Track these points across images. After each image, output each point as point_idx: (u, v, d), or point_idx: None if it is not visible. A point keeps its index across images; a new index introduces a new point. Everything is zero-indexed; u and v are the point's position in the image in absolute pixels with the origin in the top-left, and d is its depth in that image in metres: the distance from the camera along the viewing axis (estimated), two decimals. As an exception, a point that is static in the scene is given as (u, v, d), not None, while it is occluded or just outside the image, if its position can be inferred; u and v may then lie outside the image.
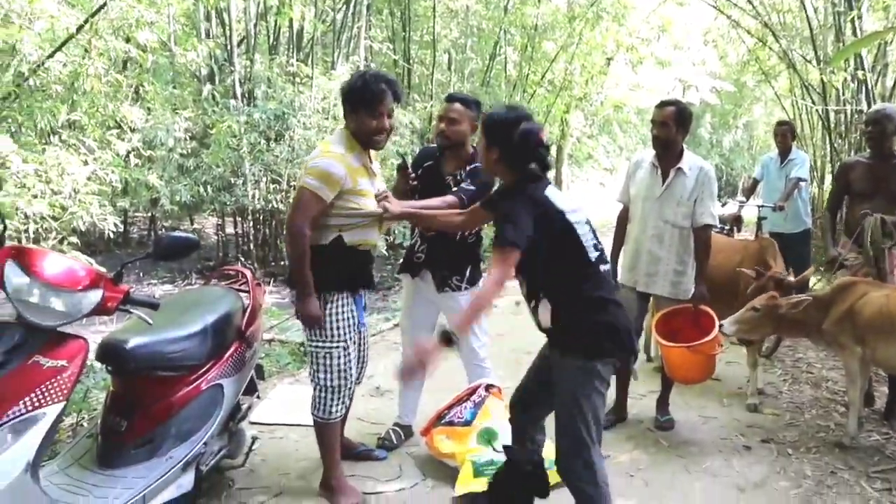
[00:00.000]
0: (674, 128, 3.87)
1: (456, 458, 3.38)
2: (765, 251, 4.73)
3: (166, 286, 8.69)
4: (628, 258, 4.15)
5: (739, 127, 28.13)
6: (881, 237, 4.23)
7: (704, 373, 3.97)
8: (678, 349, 3.83)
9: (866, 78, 7.64)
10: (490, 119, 2.66)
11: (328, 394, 3.11)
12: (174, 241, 2.60)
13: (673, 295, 4.01)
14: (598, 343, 2.53)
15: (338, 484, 3.19)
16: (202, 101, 8.56)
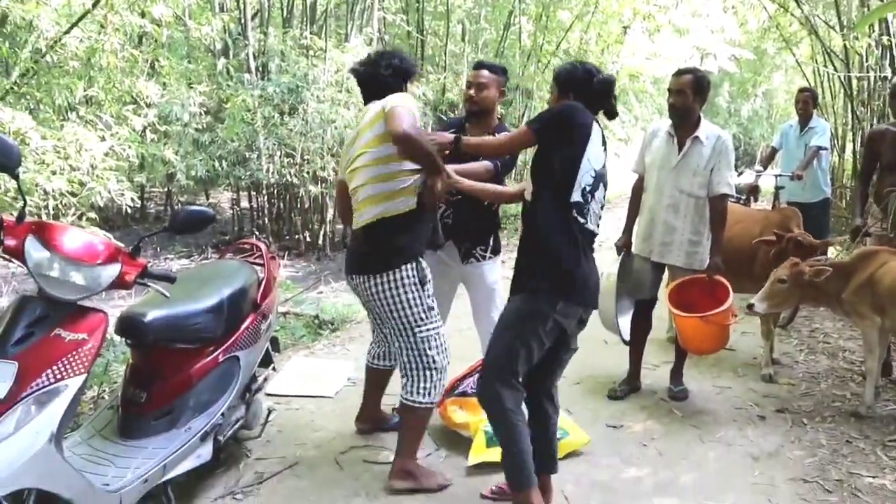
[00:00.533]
0: (691, 96, 3.85)
1: (469, 427, 3.42)
2: (787, 221, 4.67)
3: (183, 260, 8.77)
4: (643, 228, 4.14)
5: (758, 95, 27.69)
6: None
7: (718, 343, 3.96)
8: (692, 319, 3.83)
9: (891, 44, 7.48)
10: (567, 70, 2.87)
11: (443, 374, 3.04)
12: (190, 215, 2.62)
13: (688, 265, 4.01)
14: (553, 278, 2.65)
15: (421, 470, 3.10)
16: (217, 76, 8.55)
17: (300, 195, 9.19)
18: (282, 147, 8.51)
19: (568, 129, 2.68)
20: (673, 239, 4.01)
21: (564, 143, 2.67)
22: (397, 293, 2.91)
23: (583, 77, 2.79)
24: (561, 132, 2.68)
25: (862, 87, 8.88)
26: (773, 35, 12.81)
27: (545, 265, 2.67)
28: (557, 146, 2.67)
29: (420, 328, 2.96)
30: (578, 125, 2.68)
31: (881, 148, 4.43)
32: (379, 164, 2.89)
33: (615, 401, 4.20)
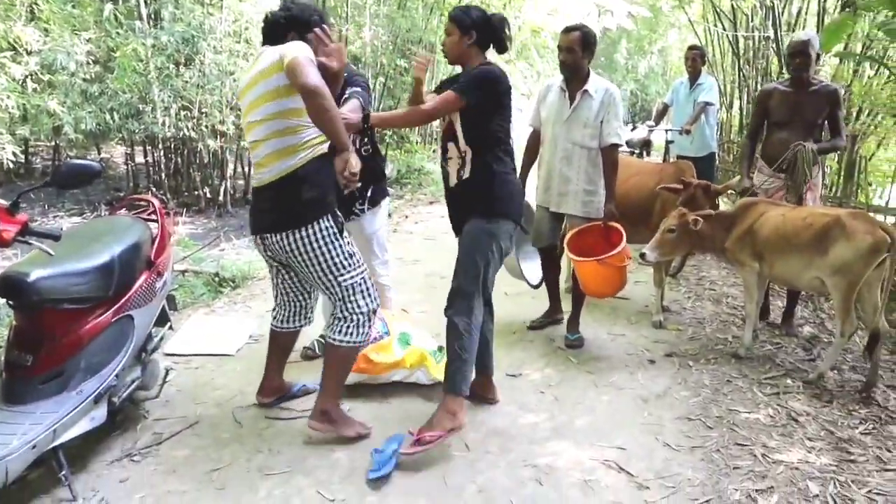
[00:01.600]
0: (580, 52, 4.01)
1: (399, 365, 3.55)
2: (682, 174, 4.87)
3: (74, 218, 8.36)
4: (542, 180, 4.33)
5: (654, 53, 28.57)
6: (811, 167, 4.43)
7: (615, 286, 4.15)
8: (590, 263, 4.00)
9: (774, 4, 7.83)
10: (468, 11, 3.17)
11: (371, 317, 3.07)
12: (74, 169, 2.50)
13: (584, 214, 4.20)
14: (508, 206, 3.18)
15: (341, 415, 3.12)
16: (104, 22, 8.05)
17: (199, 150, 8.88)
18: (178, 99, 8.16)
19: (499, 95, 3.11)
20: (568, 189, 4.19)
21: (498, 107, 3.12)
22: (317, 246, 2.89)
23: (481, 16, 3.17)
24: (493, 98, 3.10)
25: (748, 47, 9.27)
26: (669, -7, 13.14)
27: (500, 197, 3.16)
28: (491, 111, 3.12)
29: (344, 276, 2.97)
30: (507, 89, 3.14)
31: (770, 104, 4.65)
32: (279, 118, 2.81)
33: (532, 330, 4.63)
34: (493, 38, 3.20)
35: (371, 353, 3.53)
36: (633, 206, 4.81)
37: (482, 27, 3.15)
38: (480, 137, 3.14)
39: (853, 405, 3.64)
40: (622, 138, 4.16)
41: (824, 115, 4.51)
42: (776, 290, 5.40)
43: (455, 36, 3.15)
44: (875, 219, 3.97)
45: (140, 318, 2.98)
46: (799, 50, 4.46)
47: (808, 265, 3.87)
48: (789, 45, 4.61)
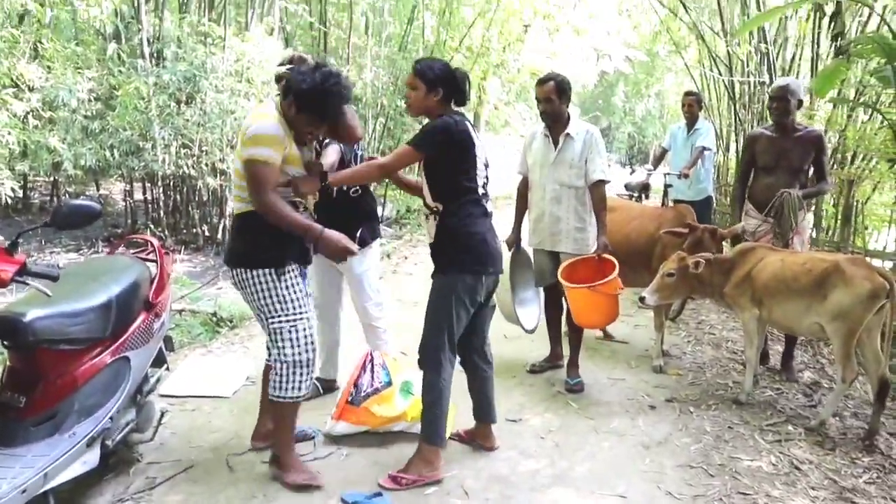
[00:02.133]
0: (557, 100, 4.19)
1: (405, 417, 3.51)
2: (682, 218, 4.91)
3: (71, 254, 8.33)
4: (533, 222, 4.44)
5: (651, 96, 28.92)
6: (796, 213, 4.46)
7: (607, 315, 4.20)
8: (581, 290, 4.04)
9: (768, 51, 7.94)
10: (433, 66, 3.17)
11: (298, 369, 2.98)
12: (74, 210, 2.49)
13: (577, 251, 4.29)
14: (463, 259, 3.13)
15: (293, 462, 3.10)
16: (107, 61, 8.13)
17: (198, 187, 8.90)
18: (178, 137, 8.20)
19: (455, 145, 3.10)
20: (560, 228, 4.30)
21: (458, 158, 3.12)
22: (250, 286, 2.96)
23: (445, 70, 3.17)
24: (450, 148, 3.09)
25: (744, 91, 9.38)
26: (665, 39, 13.35)
27: (459, 251, 3.13)
28: (450, 160, 3.11)
29: (272, 320, 2.97)
30: (463, 137, 3.11)
31: (757, 149, 4.71)
32: (241, 167, 2.91)
33: (533, 374, 4.63)
34: (455, 91, 3.18)
35: (373, 405, 3.49)
36: (634, 250, 4.83)
37: (447, 82, 3.14)
38: (446, 191, 3.14)
39: (856, 453, 3.60)
40: (607, 174, 4.27)
41: (810, 160, 4.57)
42: (775, 334, 5.38)
43: (420, 91, 3.14)
44: (873, 264, 3.97)
45: (137, 359, 2.95)
46: (778, 96, 4.55)
47: (808, 311, 3.86)
48: (769, 91, 4.69)
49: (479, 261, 3.16)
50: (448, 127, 3.08)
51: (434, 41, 12.23)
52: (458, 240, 3.14)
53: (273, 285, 2.94)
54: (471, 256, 3.15)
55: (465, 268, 3.14)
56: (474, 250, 3.15)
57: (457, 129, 3.09)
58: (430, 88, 3.13)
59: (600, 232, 4.21)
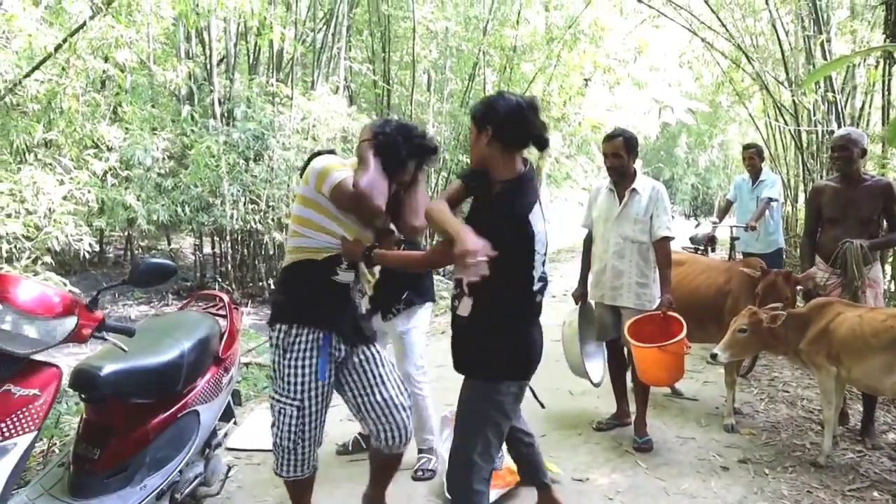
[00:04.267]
0: (625, 156, 4.19)
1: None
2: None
3: (142, 307, 8.60)
4: (595, 276, 4.42)
5: (714, 146, 28.56)
6: (862, 264, 4.31)
7: (674, 374, 4.15)
8: (650, 349, 3.97)
9: (836, 99, 7.79)
10: (485, 100, 2.61)
11: (278, 450, 2.86)
12: (151, 268, 2.57)
13: (638, 306, 4.23)
14: (503, 366, 2.59)
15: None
16: (181, 121, 8.51)
17: (264, 242, 9.12)
18: (246, 193, 8.46)
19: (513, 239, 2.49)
20: (622, 283, 4.26)
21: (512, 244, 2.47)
22: (272, 347, 2.85)
23: (500, 105, 2.50)
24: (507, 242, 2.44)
25: (811, 140, 9.19)
26: (727, 89, 13.23)
27: (514, 348, 2.61)
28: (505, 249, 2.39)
29: (273, 393, 2.85)
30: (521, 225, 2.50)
31: (822, 202, 4.58)
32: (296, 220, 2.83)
33: (599, 431, 4.48)
34: (520, 132, 2.50)
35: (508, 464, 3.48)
36: (702, 304, 4.73)
37: (501, 120, 2.46)
38: (493, 285, 2.40)
39: (951, 524, 3.37)
40: (672, 231, 4.24)
41: (879, 210, 4.40)
42: (854, 392, 5.14)
43: (473, 134, 2.57)
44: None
45: (206, 413, 3.00)
46: (839, 146, 4.44)
47: (891, 369, 3.67)
48: (831, 142, 4.59)
49: (528, 366, 2.66)
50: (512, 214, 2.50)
51: (494, 96, 12.38)
52: (506, 338, 2.58)
53: (277, 353, 2.78)
54: (521, 359, 2.63)
55: (512, 373, 2.63)
56: (524, 353, 2.63)
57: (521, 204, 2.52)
58: (478, 129, 2.52)
59: (665, 289, 4.15)
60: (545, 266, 2.63)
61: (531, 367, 2.66)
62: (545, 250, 2.60)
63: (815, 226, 4.71)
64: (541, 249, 2.55)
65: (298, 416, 2.77)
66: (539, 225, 2.53)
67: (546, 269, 2.66)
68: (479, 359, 2.61)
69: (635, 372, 4.24)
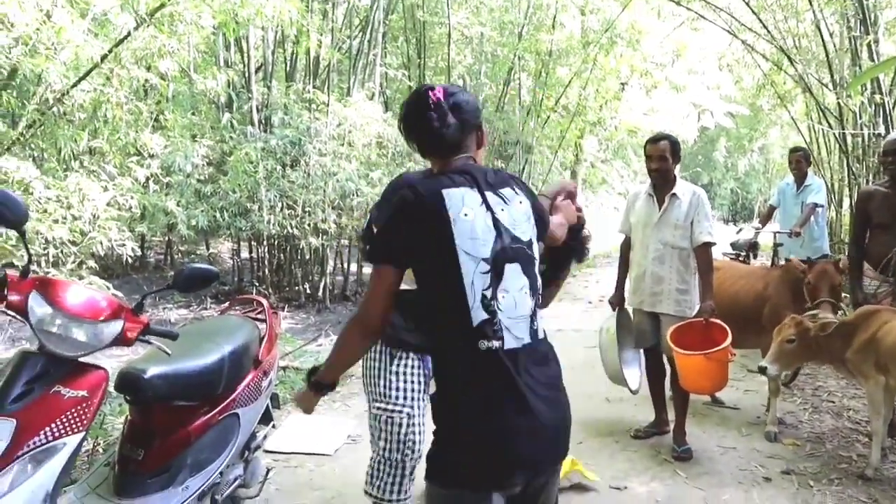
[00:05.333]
0: (670, 159, 4.14)
1: None
2: (791, 275, 4.75)
3: (182, 310, 8.73)
4: (634, 282, 4.38)
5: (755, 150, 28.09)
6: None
7: (718, 382, 4.08)
8: (695, 357, 3.91)
9: (884, 101, 7.59)
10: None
11: (385, 467, 2.63)
12: (194, 273, 2.60)
13: (678, 312, 4.18)
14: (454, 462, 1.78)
15: None
16: (220, 128, 8.65)
17: (301, 247, 9.20)
18: (283, 199, 8.57)
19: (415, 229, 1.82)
20: (662, 289, 4.21)
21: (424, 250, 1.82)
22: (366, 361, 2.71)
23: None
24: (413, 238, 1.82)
25: (857, 144, 8.97)
26: (768, 92, 12.99)
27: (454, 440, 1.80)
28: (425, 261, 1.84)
29: (374, 403, 2.65)
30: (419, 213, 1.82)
31: (871, 207, 4.46)
32: None
33: (637, 439, 4.44)
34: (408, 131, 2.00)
35: None
36: (741, 311, 4.68)
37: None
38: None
39: None
40: (714, 237, 4.19)
41: None
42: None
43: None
44: None
45: (245, 416, 3.03)
46: (893, 149, 4.33)
47: (941, 379, 3.57)
48: (882, 146, 4.47)
49: (481, 467, 1.75)
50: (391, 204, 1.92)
51: (530, 101, 12.37)
52: (444, 424, 1.81)
53: (387, 357, 2.60)
54: (466, 458, 1.77)
55: (460, 479, 1.77)
56: (468, 447, 1.76)
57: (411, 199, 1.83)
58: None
59: (707, 295, 4.09)
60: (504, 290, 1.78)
61: (500, 470, 1.76)
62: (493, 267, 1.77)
63: (862, 232, 4.59)
64: (469, 261, 1.76)
65: (409, 425, 2.57)
66: (462, 226, 1.78)
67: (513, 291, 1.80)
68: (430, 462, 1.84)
69: (675, 379, 4.18)
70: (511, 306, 1.78)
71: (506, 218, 1.84)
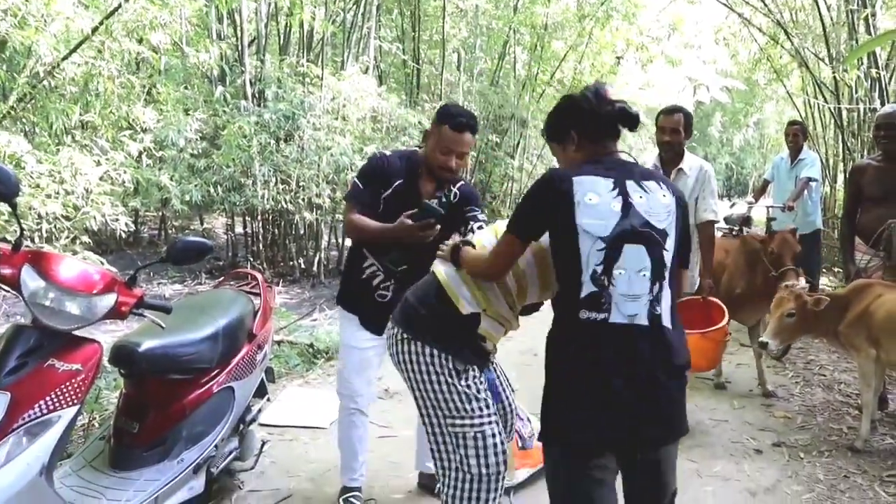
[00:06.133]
0: (682, 133, 4.08)
1: None
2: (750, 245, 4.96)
3: (176, 286, 8.72)
4: None
5: (750, 125, 28.05)
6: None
7: (713, 360, 4.10)
8: (692, 336, 3.87)
9: (880, 76, 7.58)
10: None
11: (485, 484, 2.30)
12: (187, 246, 2.60)
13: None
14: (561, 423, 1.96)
15: None
16: (214, 102, 8.56)
17: (295, 222, 9.17)
18: (277, 173, 8.51)
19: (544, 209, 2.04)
20: None
21: (551, 228, 2.04)
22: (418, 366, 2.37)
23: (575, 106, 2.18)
24: (541, 217, 2.06)
25: (852, 119, 8.96)
26: (764, 67, 12.96)
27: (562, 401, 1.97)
28: (553, 237, 2.05)
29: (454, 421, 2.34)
30: (551, 196, 2.01)
31: (863, 181, 4.45)
32: None
33: None
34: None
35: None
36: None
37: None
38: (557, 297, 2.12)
39: None
40: (717, 214, 4.18)
41: None
42: (894, 377, 5.05)
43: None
44: None
45: (240, 389, 3.04)
46: (886, 123, 4.30)
47: (932, 352, 3.60)
48: (875, 119, 4.46)
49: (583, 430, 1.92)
50: (535, 185, 2.12)
51: (525, 75, 12.29)
52: (552, 387, 2.00)
53: (452, 380, 2.29)
54: (570, 419, 1.94)
55: (564, 438, 1.97)
56: (573, 409, 1.93)
57: (551, 183, 2.05)
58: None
59: (706, 273, 4.09)
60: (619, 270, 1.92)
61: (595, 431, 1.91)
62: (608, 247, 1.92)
63: (854, 206, 4.59)
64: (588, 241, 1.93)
65: (499, 432, 2.34)
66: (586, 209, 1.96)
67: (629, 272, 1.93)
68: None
69: None
70: (625, 284, 1.91)
71: (642, 205, 1.99)
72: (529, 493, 3.35)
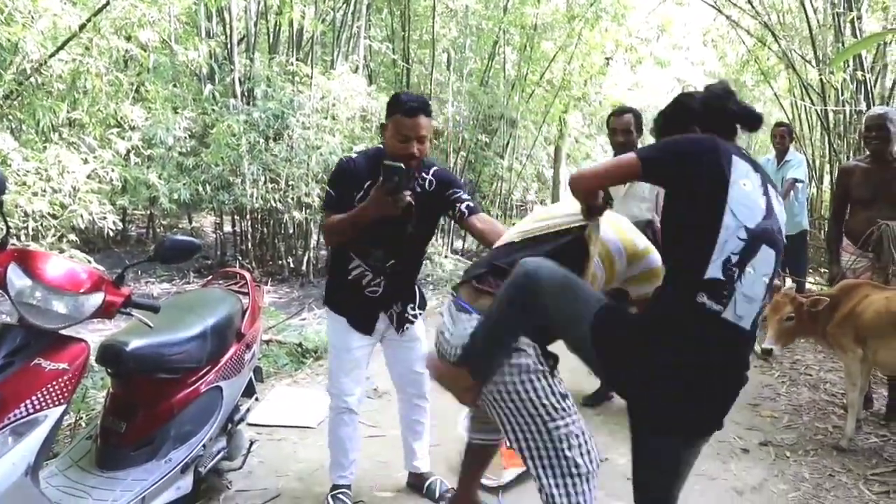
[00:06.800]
0: (634, 133, 4.23)
1: None
2: None
3: (164, 284, 8.68)
4: None
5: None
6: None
7: None
8: None
9: (865, 78, 7.64)
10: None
11: (589, 481, 2.25)
12: (176, 245, 2.59)
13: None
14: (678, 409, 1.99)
15: None
16: (202, 101, 8.53)
17: (284, 221, 9.15)
18: (266, 172, 8.48)
19: (693, 165, 1.94)
20: None
21: (689, 190, 1.94)
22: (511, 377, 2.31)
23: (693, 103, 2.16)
24: (684, 169, 1.95)
25: (838, 120, 9.03)
26: (752, 68, 13.02)
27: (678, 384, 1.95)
28: (687, 202, 1.95)
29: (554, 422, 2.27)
30: (706, 159, 1.92)
31: (851, 183, 4.48)
32: None
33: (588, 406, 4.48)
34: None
35: None
36: None
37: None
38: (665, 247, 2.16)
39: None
40: None
41: None
42: (879, 376, 5.09)
43: None
44: None
45: (229, 389, 3.03)
46: (875, 125, 4.32)
47: (917, 352, 3.64)
48: (864, 121, 4.49)
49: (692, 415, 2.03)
50: (685, 139, 2.07)
51: (515, 75, 12.30)
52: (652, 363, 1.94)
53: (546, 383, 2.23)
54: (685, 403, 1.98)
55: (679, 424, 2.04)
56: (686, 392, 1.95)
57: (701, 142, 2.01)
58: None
59: None
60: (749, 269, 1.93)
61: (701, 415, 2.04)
62: (749, 239, 1.91)
63: (842, 208, 4.62)
64: (732, 223, 1.90)
65: (585, 430, 2.29)
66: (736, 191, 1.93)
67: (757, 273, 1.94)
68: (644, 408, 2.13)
69: None
70: (749, 283, 1.89)
71: (779, 212, 2.01)
72: (517, 493, 3.36)
